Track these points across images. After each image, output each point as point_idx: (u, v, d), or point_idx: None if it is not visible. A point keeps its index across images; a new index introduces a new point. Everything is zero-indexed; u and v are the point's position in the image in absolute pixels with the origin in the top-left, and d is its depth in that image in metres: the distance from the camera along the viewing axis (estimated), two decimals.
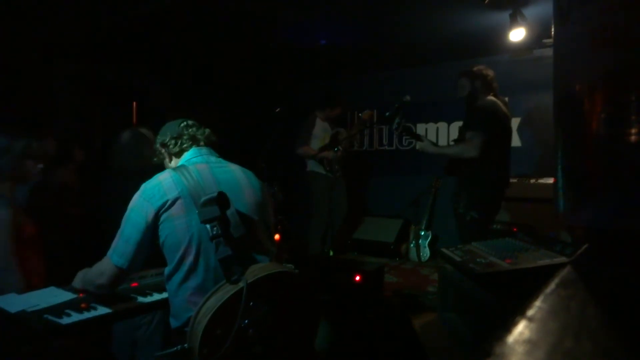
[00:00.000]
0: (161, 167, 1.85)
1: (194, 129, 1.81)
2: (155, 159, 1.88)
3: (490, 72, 3.22)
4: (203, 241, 1.51)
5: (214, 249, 1.47)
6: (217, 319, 1.33)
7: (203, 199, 1.48)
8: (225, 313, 1.34)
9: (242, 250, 1.52)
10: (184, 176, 1.57)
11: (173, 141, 1.77)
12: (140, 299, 1.75)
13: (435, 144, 3.34)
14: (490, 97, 3.15)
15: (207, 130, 1.84)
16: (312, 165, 4.85)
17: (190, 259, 1.51)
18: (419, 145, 3.30)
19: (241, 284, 1.37)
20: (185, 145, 1.77)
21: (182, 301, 1.53)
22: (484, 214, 3.08)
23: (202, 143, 1.79)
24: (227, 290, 1.38)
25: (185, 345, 1.37)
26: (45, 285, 1.83)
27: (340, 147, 4.62)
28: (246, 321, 1.36)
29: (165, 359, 1.45)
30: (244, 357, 1.38)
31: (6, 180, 2.07)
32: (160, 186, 1.56)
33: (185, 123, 1.81)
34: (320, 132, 4.84)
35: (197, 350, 1.32)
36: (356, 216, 5.73)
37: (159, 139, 1.82)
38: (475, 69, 3.25)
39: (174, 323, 1.57)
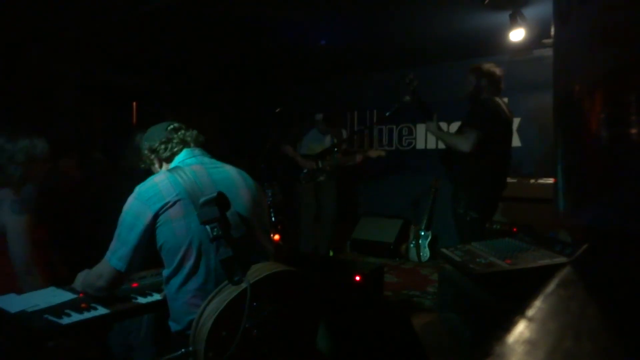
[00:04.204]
0: None
1: (183, 131, 1.77)
2: (142, 165, 1.83)
3: (497, 71, 3.21)
4: (203, 243, 1.49)
5: (215, 250, 1.45)
6: (222, 321, 1.32)
7: (202, 199, 1.45)
8: (229, 315, 1.32)
9: (242, 250, 1.50)
10: (180, 177, 1.55)
11: (163, 146, 1.73)
12: (140, 299, 1.75)
13: (440, 129, 3.33)
14: (495, 98, 3.15)
15: (195, 132, 1.81)
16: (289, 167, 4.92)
17: (190, 261, 1.49)
18: (427, 124, 3.29)
19: (244, 285, 1.36)
20: (175, 149, 1.74)
21: (183, 304, 1.51)
22: (484, 214, 3.08)
23: (192, 145, 1.76)
24: (230, 292, 1.37)
25: (190, 348, 1.36)
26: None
27: (321, 164, 4.69)
28: (251, 322, 1.35)
29: None
30: (248, 358, 1.37)
31: (17, 184, 2.08)
32: (157, 188, 1.53)
33: (172, 126, 1.77)
34: (313, 141, 4.88)
35: (202, 354, 1.30)
36: (356, 216, 5.73)
37: (147, 144, 1.77)
38: (485, 67, 3.24)
39: (174, 327, 1.55)
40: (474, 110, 3.12)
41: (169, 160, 1.75)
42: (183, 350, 1.37)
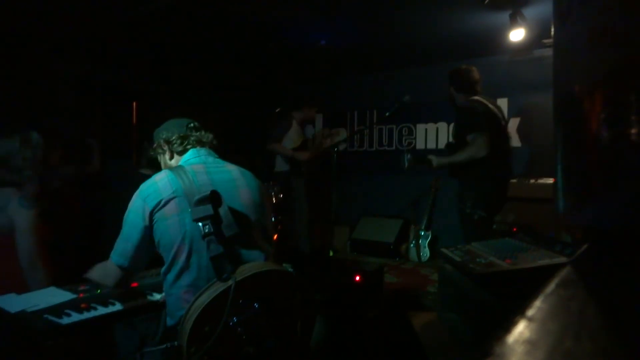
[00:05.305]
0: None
1: (201, 132, 1.83)
2: (152, 153, 1.89)
3: (463, 71, 3.20)
4: (195, 240, 1.52)
5: (206, 247, 1.48)
6: (206, 317, 1.33)
7: (196, 197, 1.49)
8: (213, 311, 1.34)
9: (235, 249, 1.53)
10: (179, 176, 1.59)
11: (179, 140, 1.79)
12: (140, 299, 1.76)
13: (445, 156, 3.29)
14: (474, 97, 3.15)
15: (211, 135, 1.87)
16: (280, 166, 4.87)
17: (182, 257, 1.52)
18: (434, 165, 3.29)
19: (230, 282, 1.38)
20: (189, 147, 1.79)
21: (176, 299, 1.54)
22: (491, 212, 3.10)
23: (205, 146, 1.82)
24: (216, 288, 1.39)
25: (175, 342, 1.37)
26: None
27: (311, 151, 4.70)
28: (235, 319, 1.36)
29: (155, 355, 1.46)
30: (233, 357, 1.38)
31: (30, 181, 2.11)
32: (156, 186, 1.58)
33: (192, 124, 1.83)
34: (294, 134, 4.83)
35: (185, 348, 1.32)
36: (356, 216, 5.73)
37: (164, 134, 1.82)
38: (451, 70, 3.26)
39: (169, 321, 1.58)
40: (464, 116, 3.12)
41: (180, 154, 1.80)
42: (168, 344, 1.38)
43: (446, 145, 3.51)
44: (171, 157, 1.83)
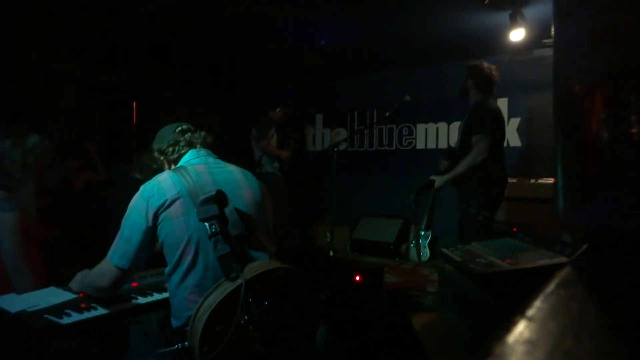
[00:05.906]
0: None
1: (190, 133, 1.80)
2: (154, 166, 1.86)
3: (485, 69, 3.17)
4: (202, 239, 1.51)
5: (213, 247, 1.47)
6: (217, 316, 1.33)
7: (201, 197, 1.49)
8: (224, 310, 1.34)
9: (241, 248, 1.53)
10: (182, 176, 1.58)
11: (170, 148, 1.77)
12: (141, 299, 1.76)
13: (445, 171, 3.26)
14: (493, 101, 3.18)
15: (203, 133, 1.84)
16: (269, 167, 4.88)
17: (189, 257, 1.52)
18: (436, 185, 3.28)
19: (240, 281, 1.38)
20: (183, 151, 1.77)
21: (182, 300, 1.53)
22: (494, 213, 3.11)
23: (199, 147, 1.80)
24: (225, 288, 1.39)
25: (186, 343, 1.37)
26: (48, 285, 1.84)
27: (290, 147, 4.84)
28: (246, 318, 1.36)
29: (165, 357, 1.45)
30: (244, 355, 1.38)
31: (18, 184, 2.10)
32: (159, 186, 1.57)
33: (180, 128, 1.80)
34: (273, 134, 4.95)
35: (197, 348, 1.32)
36: (356, 216, 5.73)
37: (156, 146, 1.81)
38: (473, 64, 3.23)
39: (174, 323, 1.57)
40: (480, 117, 3.11)
41: (176, 161, 1.79)
42: (179, 345, 1.38)
43: (446, 153, 3.49)
44: (169, 167, 1.82)
